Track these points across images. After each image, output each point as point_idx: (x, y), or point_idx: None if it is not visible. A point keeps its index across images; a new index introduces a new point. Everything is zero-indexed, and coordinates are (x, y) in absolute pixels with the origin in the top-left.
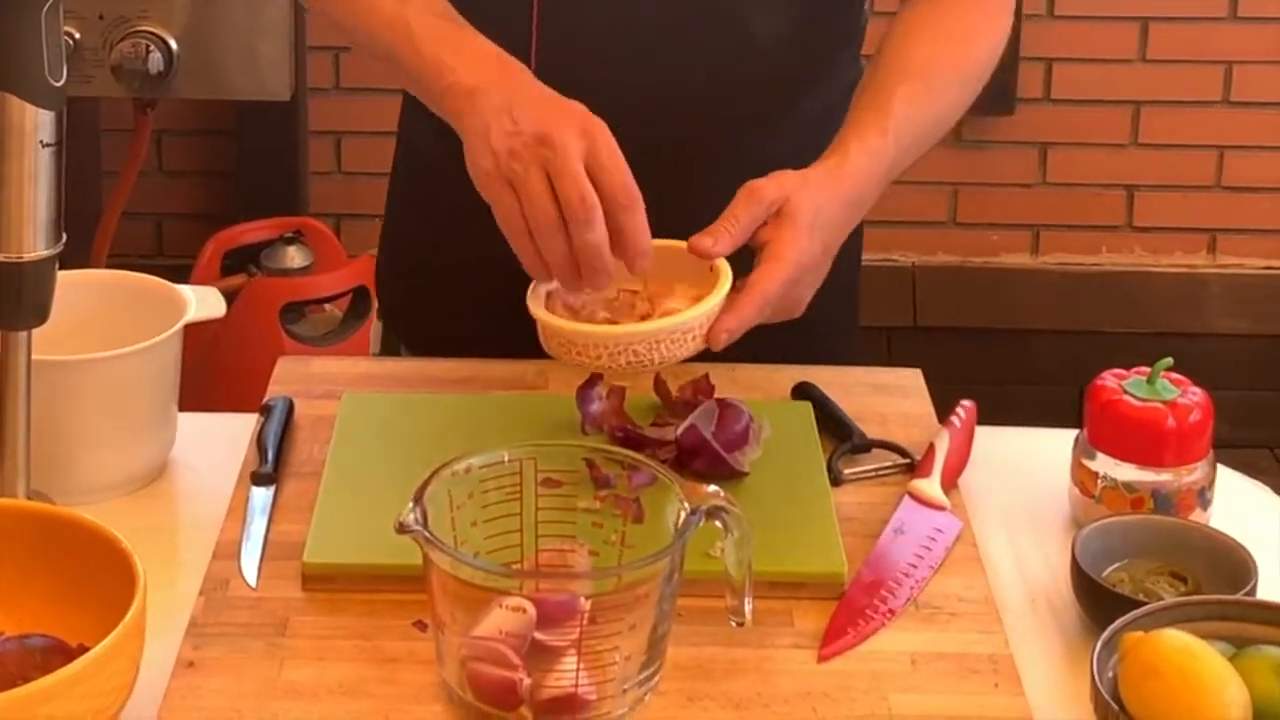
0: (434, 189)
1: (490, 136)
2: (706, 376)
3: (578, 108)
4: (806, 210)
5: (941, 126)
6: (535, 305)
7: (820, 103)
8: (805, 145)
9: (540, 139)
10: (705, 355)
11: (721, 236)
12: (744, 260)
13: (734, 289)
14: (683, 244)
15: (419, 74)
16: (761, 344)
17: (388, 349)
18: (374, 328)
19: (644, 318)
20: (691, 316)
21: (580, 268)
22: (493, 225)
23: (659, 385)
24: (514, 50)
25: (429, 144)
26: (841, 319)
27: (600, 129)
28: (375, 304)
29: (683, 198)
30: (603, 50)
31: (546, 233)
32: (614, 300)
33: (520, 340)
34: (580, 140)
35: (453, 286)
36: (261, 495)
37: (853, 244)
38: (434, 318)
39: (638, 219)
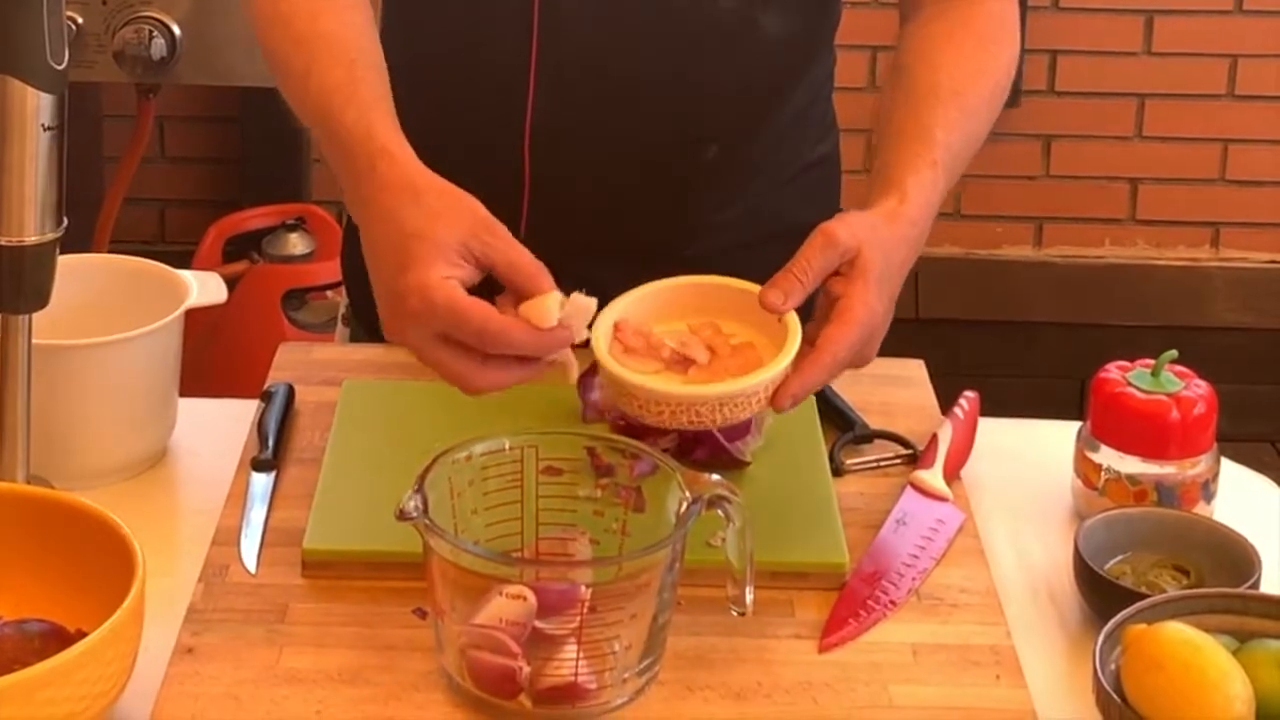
0: None
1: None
2: None
3: (408, 265)
4: (878, 262)
5: (976, 146)
6: (600, 345)
7: (804, 95)
8: (786, 138)
9: (401, 341)
10: None
11: (792, 291)
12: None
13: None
14: (752, 287)
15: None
16: None
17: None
18: (339, 333)
19: (710, 351)
20: (758, 381)
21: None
22: None
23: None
24: (515, 46)
25: None
26: None
27: (426, 303)
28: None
29: (681, 193)
30: (604, 46)
31: (465, 387)
32: (684, 333)
33: None
34: (425, 329)
35: None
36: (262, 481)
37: None
38: None
39: (528, 344)
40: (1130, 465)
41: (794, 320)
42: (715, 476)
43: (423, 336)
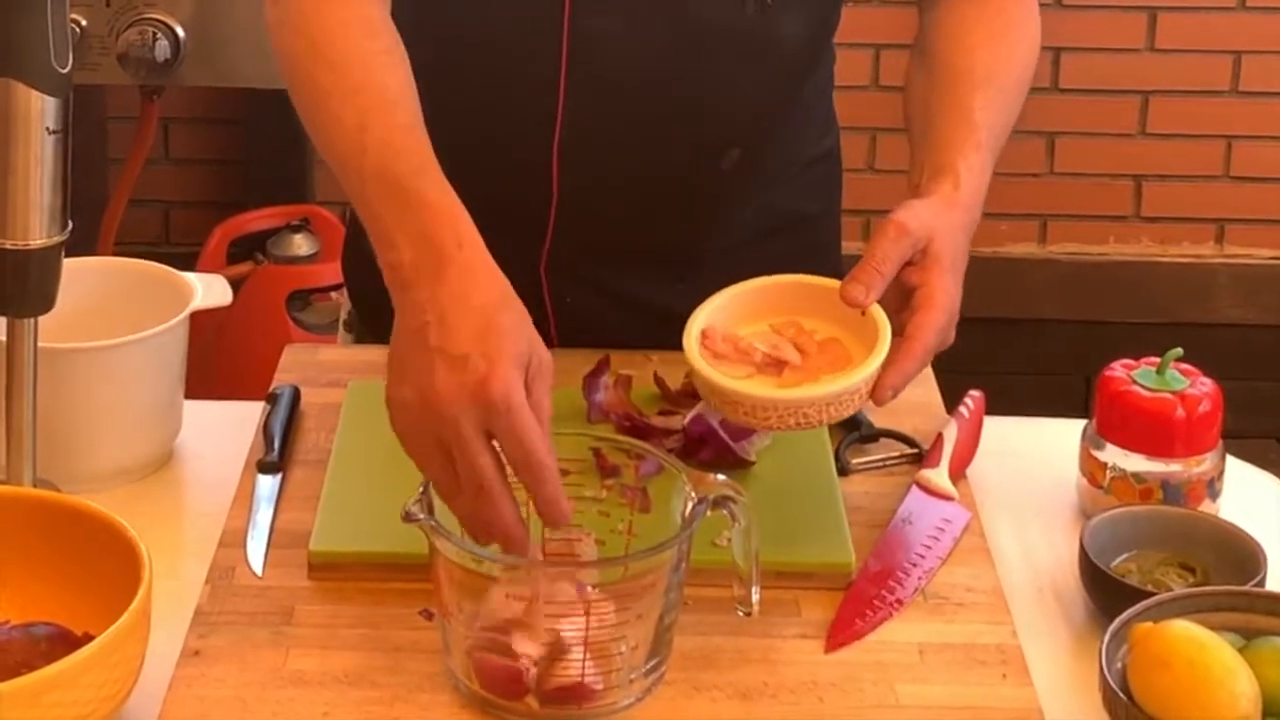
0: None
1: (394, 365)
2: None
3: (491, 348)
4: (949, 248)
5: (1012, 125)
6: (695, 354)
7: (809, 93)
8: (794, 136)
9: (432, 409)
10: None
11: (874, 284)
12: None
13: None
14: (832, 283)
15: (367, 228)
16: None
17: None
18: (341, 339)
19: (799, 350)
20: (860, 379)
21: (501, 546)
22: None
23: (658, 379)
24: (545, 59)
25: None
26: None
27: (502, 391)
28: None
29: (703, 196)
30: (633, 58)
31: (451, 503)
32: (771, 334)
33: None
34: (475, 411)
35: None
36: (268, 483)
37: (836, 234)
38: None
39: (550, 490)
40: (1136, 463)
41: (881, 315)
42: (721, 477)
43: (458, 421)
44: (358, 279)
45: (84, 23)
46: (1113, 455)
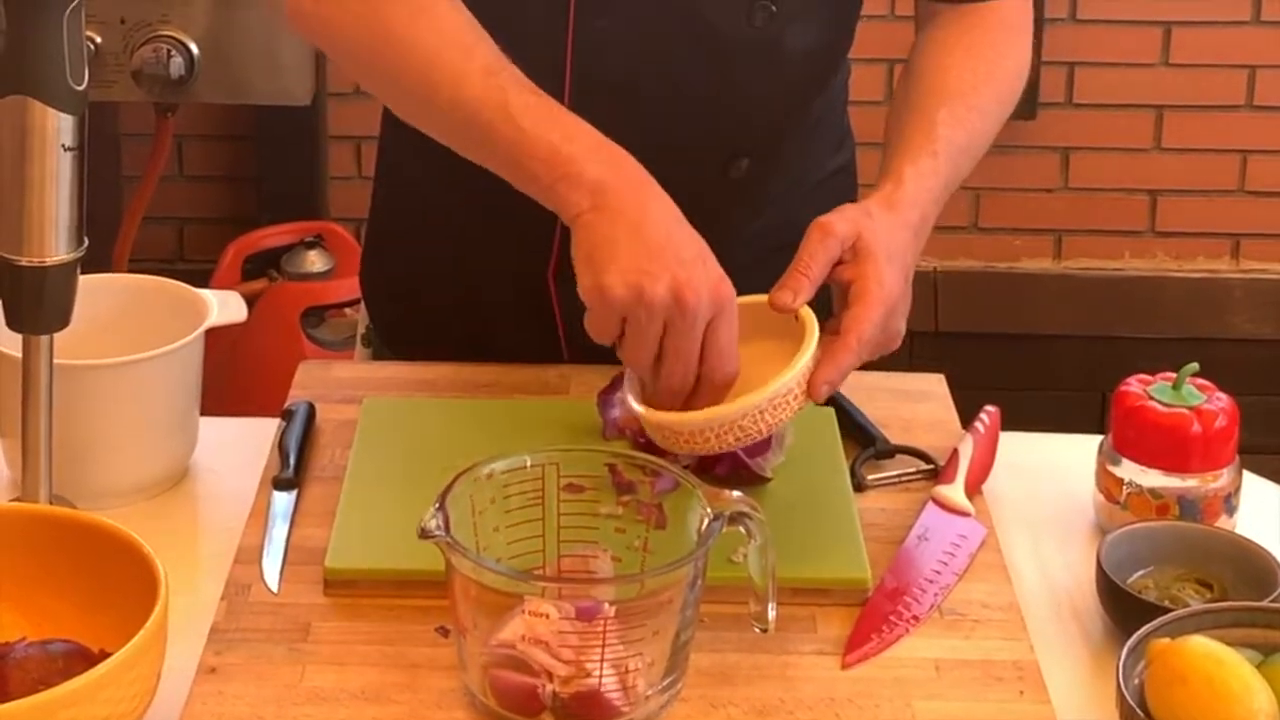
0: (415, 207)
1: (622, 265)
2: None
3: (713, 263)
4: (880, 243)
5: (983, 143)
6: (634, 400)
7: (822, 107)
8: (808, 149)
9: (678, 299)
10: None
11: (801, 287)
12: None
13: (824, 333)
14: (761, 298)
15: (519, 155)
16: None
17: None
18: (358, 354)
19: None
20: (790, 377)
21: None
22: (476, 248)
23: None
24: (548, 68)
25: (409, 161)
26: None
27: (728, 300)
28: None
29: (714, 207)
30: (637, 67)
31: (637, 363)
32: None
33: (555, 349)
34: (710, 308)
35: (435, 309)
36: (283, 500)
37: None
38: (417, 332)
39: (719, 397)
40: (1152, 479)
41: (809, 314)
42: (736, 493)
43: (696, 312)
44: (376, 294)
45: (99, 40)
46: (1129, 471)
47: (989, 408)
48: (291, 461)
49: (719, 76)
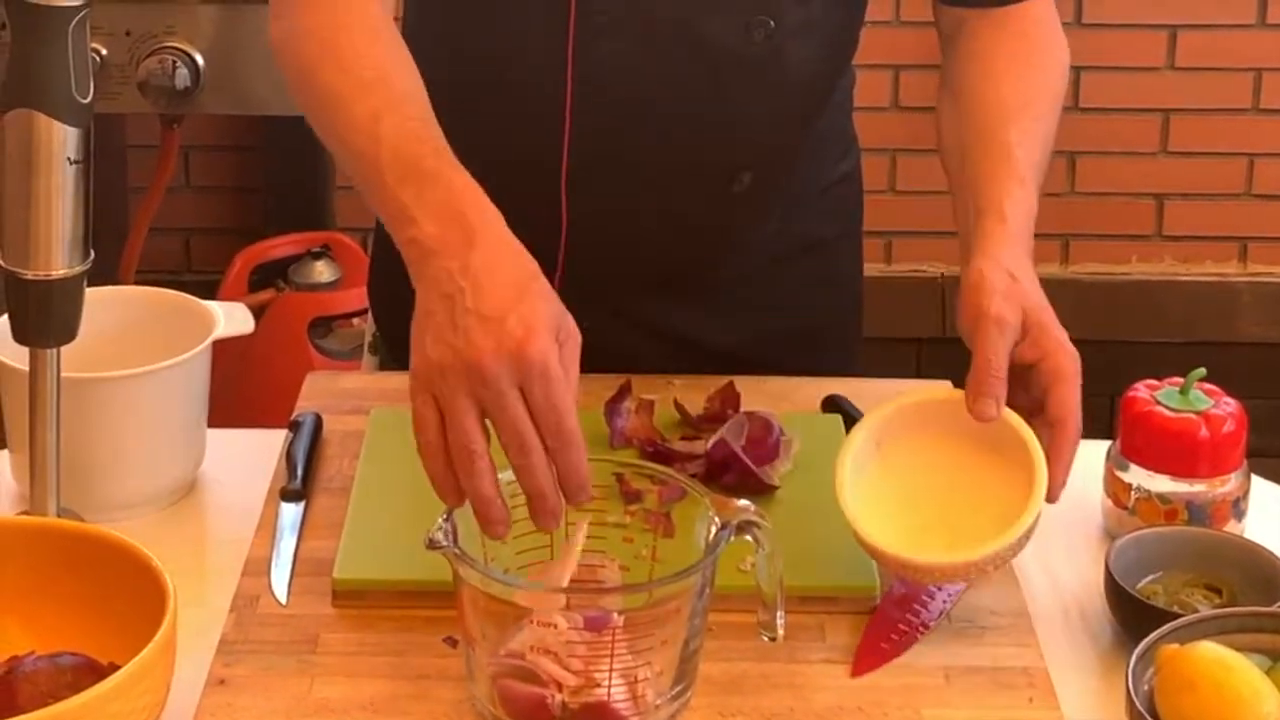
0: None
1: (427, 331)
2: (731, 384)
3: (528, 313)
4: (1041, 304)
5: (1049, 150)
6: (870, 534)
7: (827, 116)
8: (811, 159)
9: (471, 368)
10: (743, 364)
11: (1000, 393)
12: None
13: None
14: (942, 394)
15: (381, 212)
16: (772, 367)
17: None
18: (366, 362)
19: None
20: (1038, 510)
21: (530, 508)
22: None
23: (679, 405)
24: (550, 82)
25: None
26: (849, 333)
27: (541, 355)
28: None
29: (716, 220)
30: (638, 82)
31: (470, 463)
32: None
33: None
34: (514, 372)
35: None
36: (291, 511)
37: (858, 256)
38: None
39: (577, 456)
40: (1160, 484)
41: (1020, 425)
42: (744, 501)
43: (499, 380)
44: (383, 304)
45: (104, 52)
46: (1137, 476)
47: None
48: (299, 473)
49: (719, 93)
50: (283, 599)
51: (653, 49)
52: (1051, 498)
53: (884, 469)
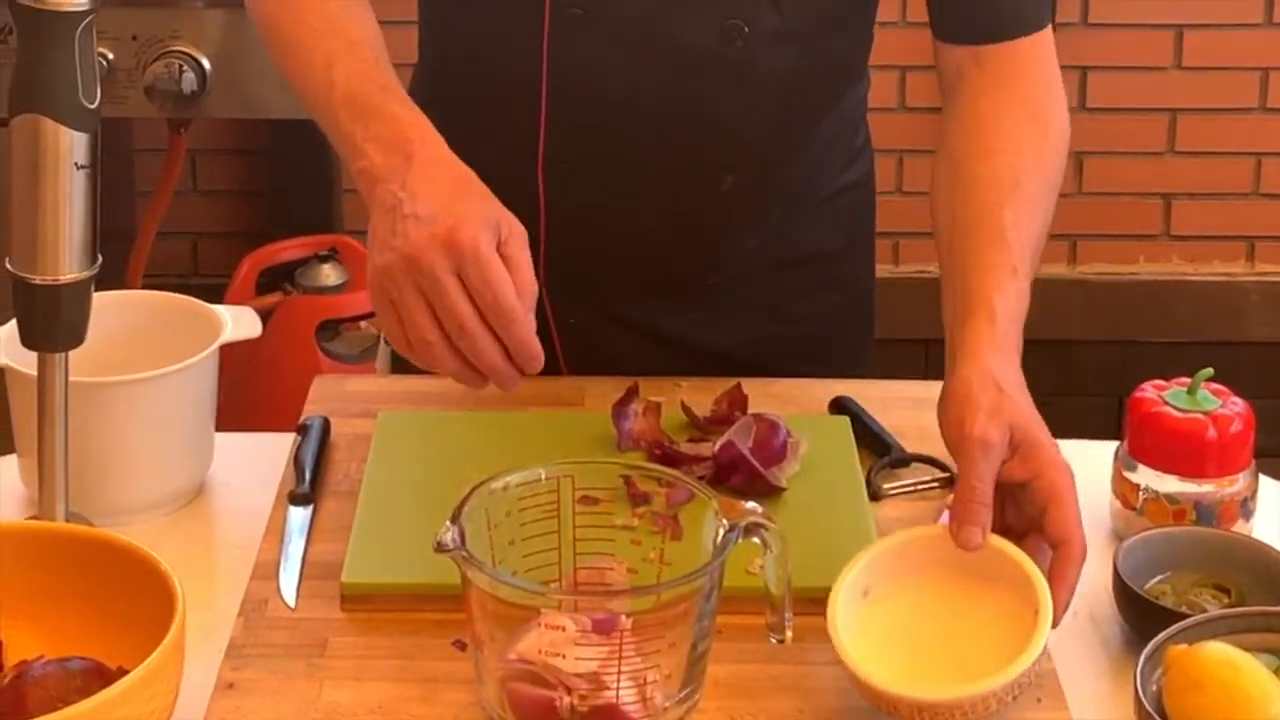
0: None
1: (374, 245)
2: (739, 386)
3: (460, 208)
4: (1030, 419)
5: (1046, 229)
6: (857, 668)
7: (833, 124)
8: (810, 167)
9: (409, 261)
10: (742, 368)
11: (985, 520)
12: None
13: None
14: (929, 529)
15: (338, 148)
16: (776, 373)
17: (399, 368)
18: (381, 350)
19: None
20: (1045, 640)
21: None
22: None
23: (685, 408)
24: (525, 77)
25: None
26: (857, 339)
27: (471, 238)
28: None
29: (699, 223)
30: (610, 79)
31: (429, 351)
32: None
33: (553, 363)
34: (447, 259)
35: None
36: (299, 515)
37: (867, 263)
38: None
39: (520, 332)
40: (1168, 484)
41: (1020, 556)
42: (752, 504)
43: (433, 267)
44: None
45: (111, 56)
46: (1145, 477)
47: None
48: (307, 476)
49: (693, 95)
50: (291, 602)
51: (624, 47)
52: (1054, 622)
53: (875, 615)
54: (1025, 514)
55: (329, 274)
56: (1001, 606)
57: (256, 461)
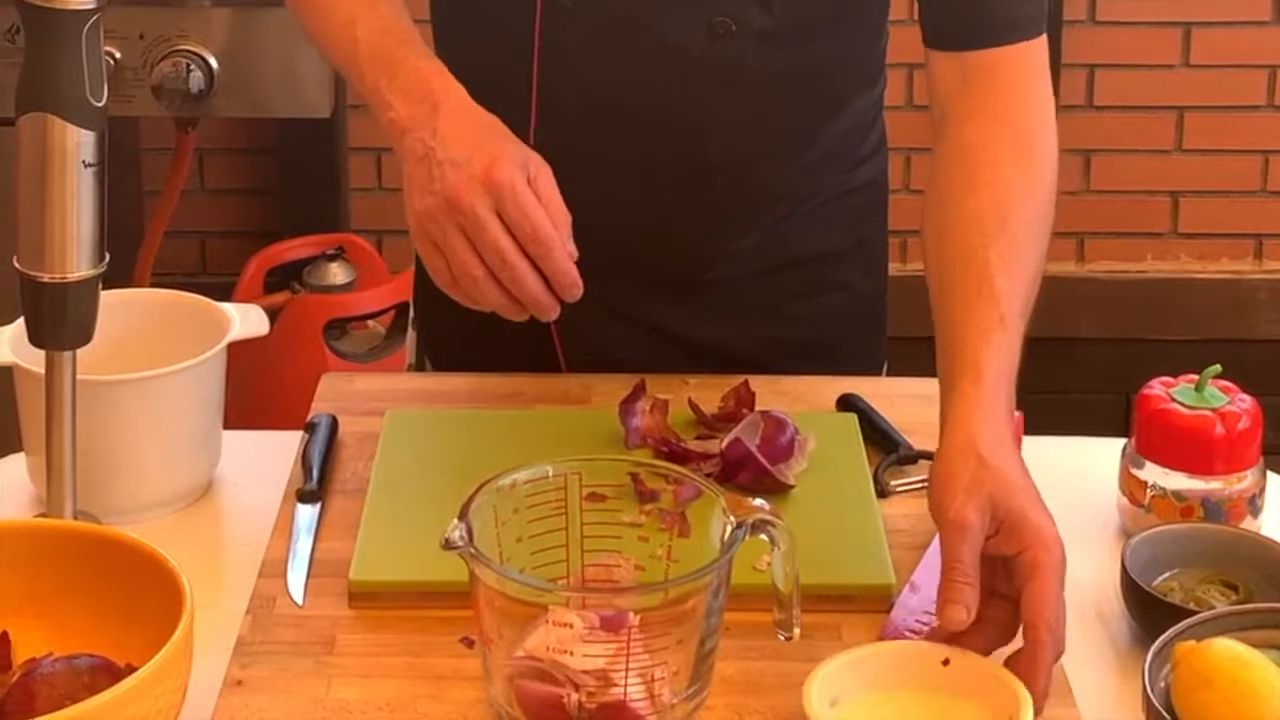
0: None
1: (412, 192)
2: (746, 383)
3: (492, 149)
4: (1016, 495)
5: (1038, 265)
6: None
7: (841, 125)
8: (811, 170)
9: (450, 204)
10: (743, 367)
11: (970, 599)
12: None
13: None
14: (898, 644)
15: (366, 101)
16: (779, 373)
17: (422, 360)
18: (410, 337)
19: None
20: None
21: (523, 304)
22: None
23: (693, 404)
24: (517, 73)
25: None
26: (865, 342)
27: (507, 176)
28: (411, 314)
29: (691, 222)
30: (601, 78)
31: (475, 286)
32: None
33: (553, 360)
34: (486, 198)
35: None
36: (307, 513)
37: (875, 265)
38: (468, 339)
39: (559, 258)
40: (1176, 481)
41: (972, 657)
42: (759, 501)
43: (474, 206)
44: (426, 310)
45: (118, 55)
46: (1153, 474)
47: (1012, 411)
48: (315, 474)
49: (682, 91)
50: (299, 600)
51: (613, 40)
52: (1036, 710)
53: None
54: (1015, 585)
55: (336, 273)
56: (974, 714)
57: (264, 459)
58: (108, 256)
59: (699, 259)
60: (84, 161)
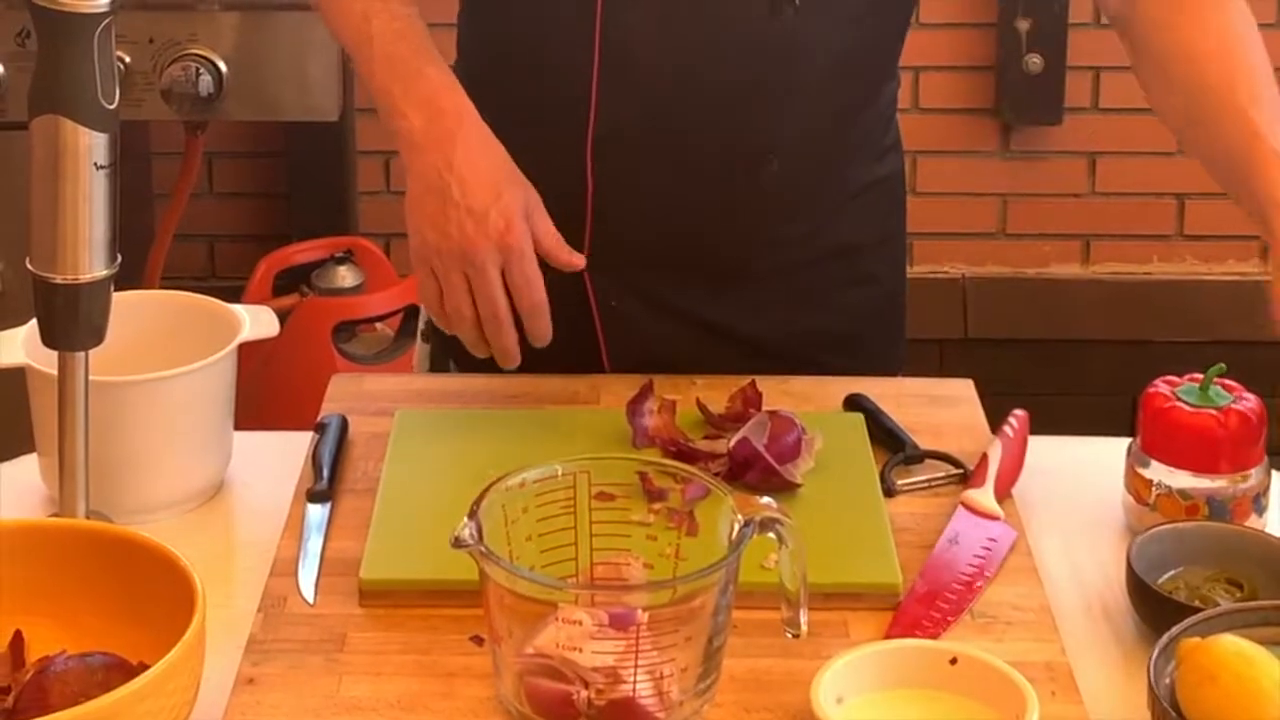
0: None
1: (423, 218)
2: (753, 383)
3: (507, 206)
4: None
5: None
6: None
7: (870, 116)
8: (849, 158)
9: (464, 255)
10: (760, 360)
11: None
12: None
13: None
14: (893, 644)
15: (375, 101)
16: (808, 364)
17: (437, 367)
18: (418, 350)
19: None
20: None
21: (495, 355)
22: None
23: (701, 405)
24: (578, 56)
25: None
26: (888, 336)
27: (516, 245)
28: (421, 325)
29: (743, 207)
30: (664, 60)
31: (459, 320)
32: None
33: (568, 358)
34: (496, 255)
35: None
36: (318, 512)
37: (898, 260)
38: None
39: (543, 325)
40: (1181, 480)
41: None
42: (767, 499)
43: (485, 263)
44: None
45: (128, 59)
46: (1158, 472)
47: (1017, 412)
48: (325, 474)
49: (744, 71)
50: (310, 599)
51: (677, 21)
52: None
53: None
54: None
55: (345, 276)
56: (983, 715)
57: (275, 460)
58: (119, 258)
59: (748, 246)
60: (96, 163)
